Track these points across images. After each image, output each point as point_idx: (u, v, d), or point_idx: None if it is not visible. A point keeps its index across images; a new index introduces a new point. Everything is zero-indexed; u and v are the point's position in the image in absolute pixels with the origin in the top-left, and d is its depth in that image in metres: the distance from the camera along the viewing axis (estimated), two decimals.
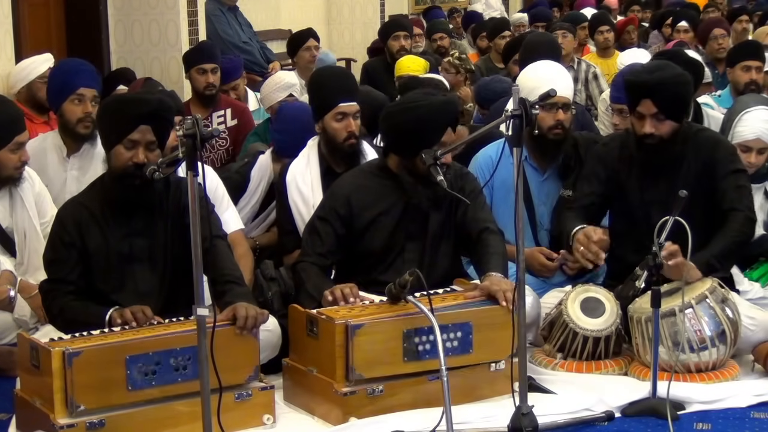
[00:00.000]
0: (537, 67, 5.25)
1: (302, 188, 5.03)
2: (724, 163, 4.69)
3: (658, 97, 4.59)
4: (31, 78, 6.48)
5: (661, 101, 4.60)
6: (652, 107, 4.62)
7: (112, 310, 4.09)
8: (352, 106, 4.98)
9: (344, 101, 4.97)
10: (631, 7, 13.96)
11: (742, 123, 5.23)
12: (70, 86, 5.46)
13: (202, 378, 3.46)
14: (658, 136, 4.64)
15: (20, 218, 4.93)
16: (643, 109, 4.65)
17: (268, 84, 6.87)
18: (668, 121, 4.63)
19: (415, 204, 4.52)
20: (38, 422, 3.83)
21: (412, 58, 7.95)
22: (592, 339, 4.50)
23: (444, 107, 4.47)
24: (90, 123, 5.37)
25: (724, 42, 8.96)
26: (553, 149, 5.05)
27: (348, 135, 4.96)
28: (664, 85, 4.60)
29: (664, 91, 4.60)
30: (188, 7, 8.67)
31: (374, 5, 12.97)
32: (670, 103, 4.62)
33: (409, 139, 4.43)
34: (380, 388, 4.07)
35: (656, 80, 4.61)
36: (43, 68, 6.45)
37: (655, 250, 4.10)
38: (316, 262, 4.50)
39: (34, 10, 8.06)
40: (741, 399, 4.26)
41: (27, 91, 6.49)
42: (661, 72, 4.67)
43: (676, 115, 4.66)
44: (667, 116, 4.63)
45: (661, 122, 4.63)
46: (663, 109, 4.61)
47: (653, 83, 4.61)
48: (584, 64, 8.68)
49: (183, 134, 3.37)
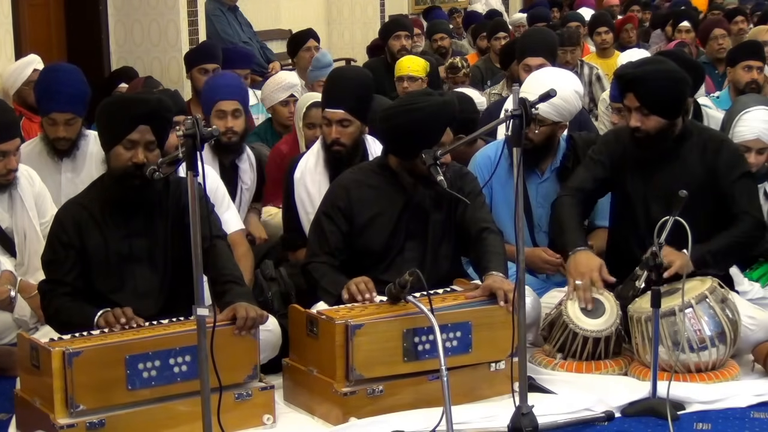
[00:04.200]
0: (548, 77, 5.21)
1: (309, 186, 5.03)
2: (731, 167, 4.69)
3: (641, 91, 4.60)
4: (18, 85, 6.49)
5: (643, 95, 4.60)
6: (634, 101, 4.62)
7: (99, 314, 4.06)
8: (336, 113, 4.97)
9: (328, 107, 4.99)
10: (630, 6, 13.96)
11: (742, 123, 5.23)
12: (43, 108, 5.39)
13: (202, 378, 3.46)
14: (644, 130, 4.64)
15: (20, 219, 4.93)
16: (627, 103, 4.67)
17: (269, 84, 6.86)
18: (654, 116, 4.62)
19: (416, 203, 4.52)
20: (38, 422, 3.83)
21: (412, 58, 7.94)
22: (592, 339, 4.50)
23: (443, 107, 4.47)
24: (67, 142, 5.32)
25: (725, 42, 8.96)
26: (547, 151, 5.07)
27: (332, 141, 4.98)
28: (646, 80, 4.60)
29: (647, 85, 4.59)
30: (188, 7, 8.68)
31: (374, 5, 12.98)
32: (653, 97, 4.60)
33: (409, 140, 4.43)
34: (380, 388, 4.07)
35: (639, 74, 4.63)
36: (28, 72, 6.44)
37: (655, 250, 4.10)
38: (327, 262, 4.50)
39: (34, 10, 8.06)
40: (741, 399, 4.26)
41: (18, 96, 6.49)
42: (646, 66, 4.69)
43: (663, 111, 4.63)
44: (652, 111, 4.61)
45: (646, 117, 4.62)
46: (646, 103, 4.60)
47: (636, 76, 4.63)
48: (587, 67, 8.69)
49: (183, 134, 3.36)
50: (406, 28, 9.27)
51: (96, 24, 8.58)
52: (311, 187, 5.02)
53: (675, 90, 4.66)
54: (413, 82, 7.54)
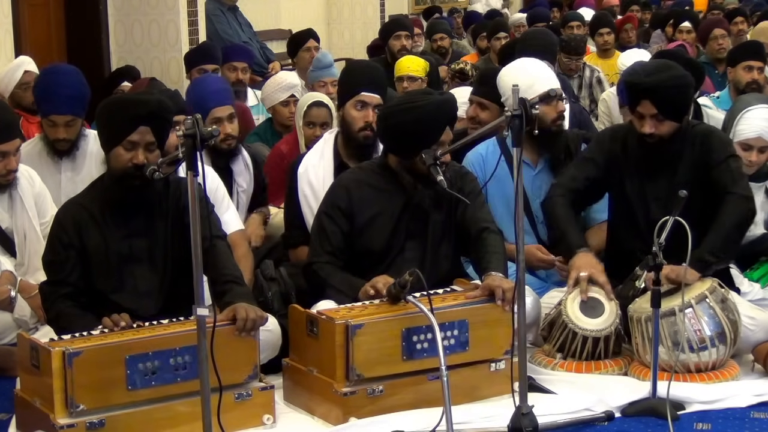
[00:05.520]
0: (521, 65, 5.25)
1: (313, 182, 5.02)
2: (718, 152, 4.70)
3: (657, 99, 4.61)
4: (11, 88, 6.49)
5: (660, 102, 4.61)
6: (651, 108, 4.63)
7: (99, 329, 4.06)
8: (373, 97, 4.97)
9: (366, 91, 4.97)
10: (630, 6, 13.96)
11: (743, 122, 5.23)
12: (43, 110, 5.39)
13: (202, 378, 3.46)
14: (658, 135, 4.66)
15: (20, 219, 4.93)
16: (642, 110, 4.67)
17: (269, 84, 6.87)
18: (668, 121, 4.65)
19: (416, 203, 4.51)
20: (38, 422, 3.83)
21: (412, 58, 7.95)
22: (592, 339, 4.50)
23: (442, 107, 4.47)
24: (67, 143, 5.33)
25: (725, 42, 8.97)
26: (553, 140, 5.07)
27: (364, 125, 4.95)
28: (662, 87, 4.62)
29: (663, 92, 4.62)
30: (188, 7, 8.69)
31: (374, 5, 12.99)
32: (669, 104, 4.63)
33: (408, 139, 4.43)
34: (380, 388, 4.07)
35: (655, 82, 4.63)
36: (19, 74, 6.44)
37: (655, 250, 4.10)
38: (330, 262, 4.49)
39: (34, 10, 8.07)
40: (741, 399, 4.26)
41: (12, 99, 6.49)
42: (660, 74, 4.68)
43: (676, 115, 4.67)
44: (667, 117, 4.64)
45: (660, 122, 4.65)
46: (662, 110, 4.63)
47: (652, 85, 4.63)
48: (588, 70, 8.70)
49: (183, 134, 3.36)
50: (406, 28, 9.28)
51: (96, 24, 8.59)
52: (315, 182, 5.00)
53: (687, 94, 4.75)
54: (413, 82, 7.55)
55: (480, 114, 5.53)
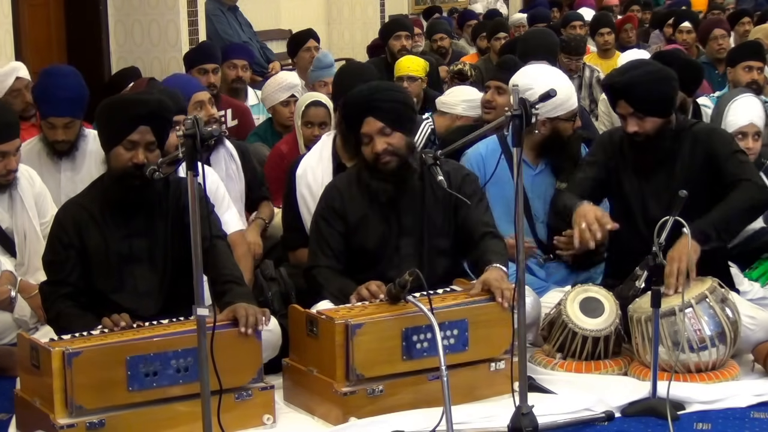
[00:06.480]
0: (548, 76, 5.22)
1: (312, 184, 5.02)
2: (723, 149, 4.69)
3: (632, 97, 4.61)
4: (1, 95, 6.47)
5: (634, 100, 4.61)
6: (627, 107, 4.64)
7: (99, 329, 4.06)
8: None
9: None
10: (630, 6, 13.96)
11: (733, 111, 5.26)
12: (42, 112, 5.41)
13: (203, 378, 3.46)
14: (643, 133, 4.65)
15: (20, 219, 4.93)
16: (621, 110, 4.69)
17: (270, 84, 6.87)
18: (650, 118, 4.63)
19: (399, 200, 4.50)
20: (38, 422, 3.83)
21: (412, 58, 7.94)
22: (592, 339, 4.50)
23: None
24: (66, 144, 5.33)
25: (725, 42, 8.96)
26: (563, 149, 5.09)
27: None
28: (634, 85, 4.62)
29: (636, 90, 4.61)
30: (188, 7, 8.69)
31: (374, 5, 12.99)
32: (645, 101, 4.61)
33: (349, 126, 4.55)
34: (380, 387, 4.07)
35: (626, 81, 4.64)
36: (10, 81, 6.38)
37: (655, 250, 4.10)
38: (330, 266, 4.49)
39: (34, 10, 8.08)
40: (741, 399, 4.25)
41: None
42: (632, 72, 4.70)
43: (658, 111, 4.64)
44: (647, 114, 4.62)
45: (642, 120, 4.63)
46: (639, 107, 4.62)
47: (624, 84, 4.64)
48: (588, 70, 8.71)
49: (183, 134, 3.36)
50: (406, 28, 9.28)
51: (96, 24, 8.59)
52: (313, 184, 5.00)
53: (663, 88, 4.68)
54: (413, 82, 7.55)
55: (497, 99, 5.65)
